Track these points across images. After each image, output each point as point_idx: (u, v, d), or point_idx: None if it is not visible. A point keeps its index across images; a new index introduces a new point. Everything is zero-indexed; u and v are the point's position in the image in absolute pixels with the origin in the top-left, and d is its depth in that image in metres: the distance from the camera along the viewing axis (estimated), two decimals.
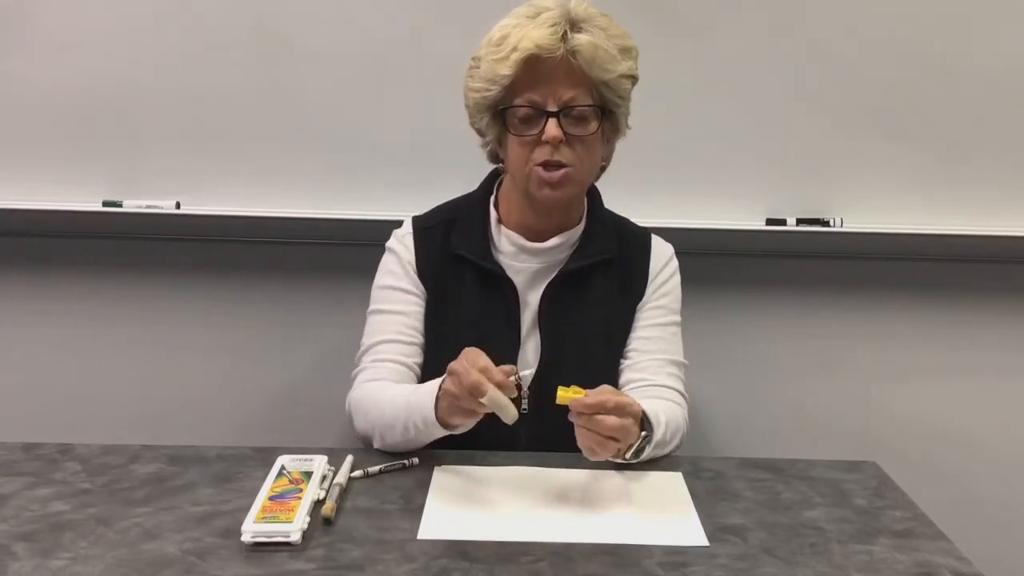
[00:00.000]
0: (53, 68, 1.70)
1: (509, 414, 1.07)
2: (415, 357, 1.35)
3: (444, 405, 1.14)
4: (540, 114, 1.24)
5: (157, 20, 1.68)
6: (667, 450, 1.25)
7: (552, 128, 1.23)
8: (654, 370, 1.34)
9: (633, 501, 1.11)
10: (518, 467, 1.18)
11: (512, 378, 1.10)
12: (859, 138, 1.75)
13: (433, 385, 1.17)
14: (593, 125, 1.26)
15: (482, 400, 1.06)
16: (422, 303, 1.36)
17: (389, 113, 1.73)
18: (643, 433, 1.16)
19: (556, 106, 1.23)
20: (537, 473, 1.17)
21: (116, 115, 1.72)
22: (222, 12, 1.68)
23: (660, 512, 1.09)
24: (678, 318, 1.41)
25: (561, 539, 1.01)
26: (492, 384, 1.06)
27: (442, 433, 1.18)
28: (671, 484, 1.16)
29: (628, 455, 1.16)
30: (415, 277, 1.36)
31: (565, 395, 1.08)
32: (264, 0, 1.69)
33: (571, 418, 1.09)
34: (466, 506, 1.08)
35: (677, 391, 1.35)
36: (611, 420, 1.08)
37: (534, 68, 1.22)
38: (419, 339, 1.36)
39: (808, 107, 1.74)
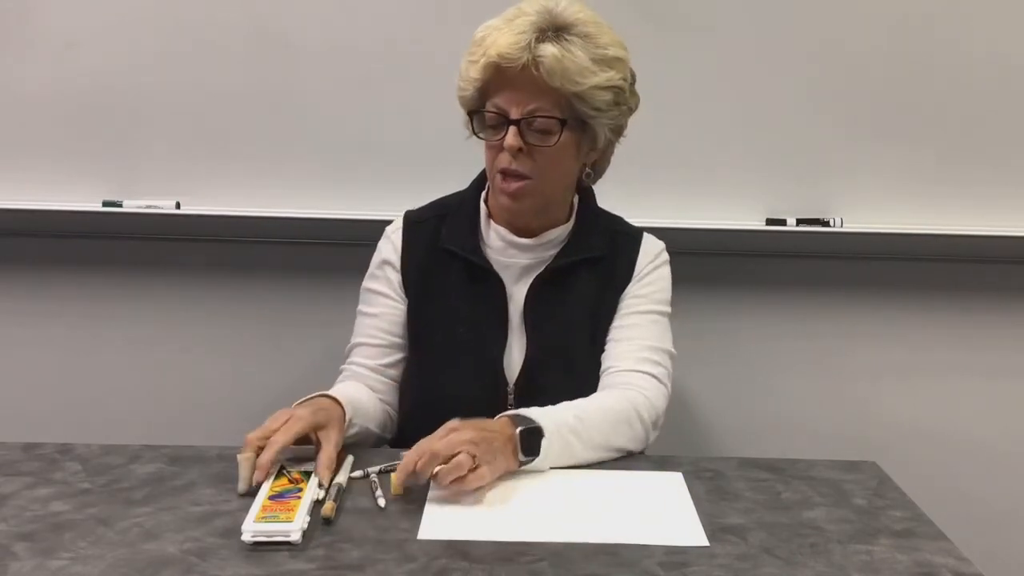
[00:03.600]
0: (53, 68, 1.70)
1: (240, 486, 1.08)
2: (383, 359, 1.36)
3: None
4: (504, 121, 1.23)
5: (157, 20, 1.69)
6: (620, 441, 1.21)
7: (510, 137, 1.22)
8: (624, 356, 1.31)
9: (633, 501, 1.11)
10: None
11: (358, 473, 1.13)
12: (859, 138, 1.75)
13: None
14: (556, 137, 1.24)
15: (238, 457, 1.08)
16: (398, 304, 1.37)
17: (388, 113, 1.73)
18: (519, 429, 1.12)
19: (518, 115, 1.22)
20: (537, 473, 1.17)
21: (116, 115, 1.72)
22: (222, 12, 1.69)
23: (660, 512, 1.09)
24: (663, 308, 1.37)
25: (561, 539, 1.01)
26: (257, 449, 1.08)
27: None
28: (671, 484, 1.16)
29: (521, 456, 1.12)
30: (394, 277, 1.37)
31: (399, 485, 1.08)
32: (264, 0, 1.69)
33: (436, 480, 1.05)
34: (466, 506, 1.08)
35: (647, 374, 1.29)
36: (441, 451, 1.05)
37: (501, 74, 1.21)
38: (389, 339, 1.37)
39: (808, 107, 1.74)
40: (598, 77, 1.22)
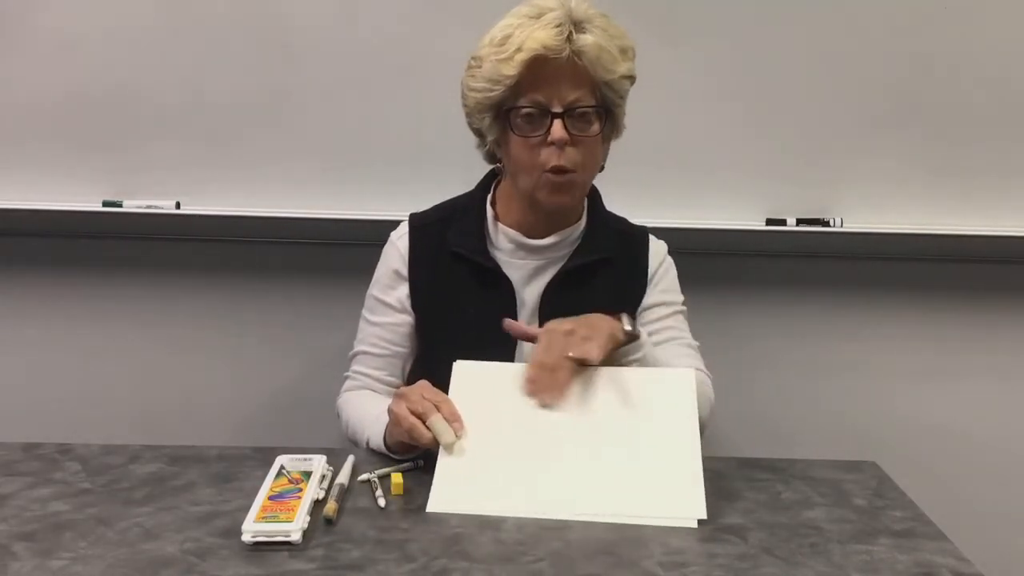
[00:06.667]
0: (53, 68, 1.70)
1: (447, 439, 1.11)
2: (387, 368, 1.39)
3: (391, 430, 1.19)
4: (544, 115, 1.23)
5: (157, 20, 1.69)
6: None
7: (558, 129, 1.22)
8: (673, 358, 1.33)
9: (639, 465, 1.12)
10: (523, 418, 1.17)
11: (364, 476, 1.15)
12: (859, 138, 1.75)
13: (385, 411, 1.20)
14: (596, 126, 1.26)
15: (427, 423, 1.11)
16: (404, 316, 1.37)
17: (389, 113, 1.73)
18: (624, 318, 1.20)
19: (561, 107, 1.23)
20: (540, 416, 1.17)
21: (116, 115, 1.72)
22: (222, 12, 1.68)
23: (663, 473, 1.10)
24: (680, 306, 1.41)
25: (568, 516, 1.05)
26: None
27: (395, 456, 1.21)
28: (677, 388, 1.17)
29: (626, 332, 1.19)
30: (402, 289, 1.37)
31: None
32: (264, 0, 1.69)
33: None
34: (475, 475, 1.10)
35: (699, 370, 1.34)
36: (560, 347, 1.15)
37: (538, 69, 1.21)
38: (393, 349, 1.38)
39: (808, 107, 1.74)
40: (622, 66, 1.25)
